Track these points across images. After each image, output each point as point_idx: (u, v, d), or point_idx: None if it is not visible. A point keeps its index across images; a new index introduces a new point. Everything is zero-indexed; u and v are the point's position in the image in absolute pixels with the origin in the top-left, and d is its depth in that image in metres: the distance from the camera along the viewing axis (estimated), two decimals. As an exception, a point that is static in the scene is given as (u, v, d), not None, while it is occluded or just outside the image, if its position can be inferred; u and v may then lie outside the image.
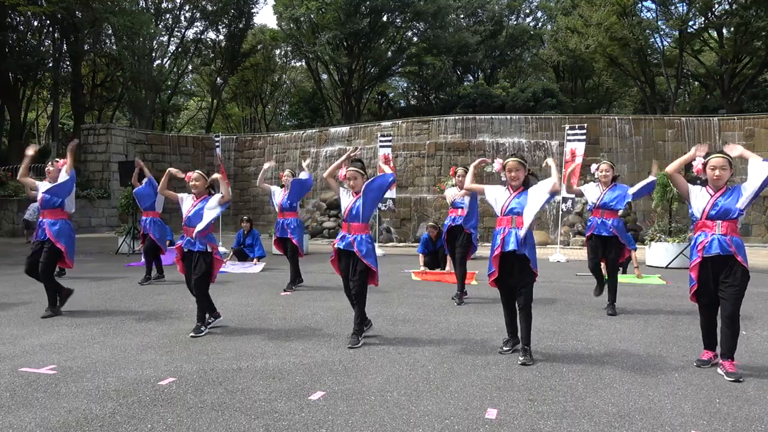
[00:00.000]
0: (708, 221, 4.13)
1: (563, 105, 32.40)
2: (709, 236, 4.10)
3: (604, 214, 6.38)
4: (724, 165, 4.11)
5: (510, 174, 4.56)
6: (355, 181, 4.99)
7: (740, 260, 4.03)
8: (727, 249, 4.04)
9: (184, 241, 5.35)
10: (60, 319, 5.92)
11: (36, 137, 37.20)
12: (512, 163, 4.57)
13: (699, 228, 4.20)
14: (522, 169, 4.56)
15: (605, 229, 6.33)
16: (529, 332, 4.46)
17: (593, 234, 6.43)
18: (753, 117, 21.10)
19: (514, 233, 4.45)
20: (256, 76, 38.37)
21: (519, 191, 4.57)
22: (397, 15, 33.28)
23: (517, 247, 4.41)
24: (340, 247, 4.97)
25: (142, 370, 4.11)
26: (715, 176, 4.11)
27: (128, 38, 27.35)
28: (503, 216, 4.56)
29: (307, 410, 3.37)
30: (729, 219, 4.07)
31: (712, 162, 4.14)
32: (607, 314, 6.28)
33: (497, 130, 22.07)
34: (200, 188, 5.44)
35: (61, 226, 6.07)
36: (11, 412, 3.33)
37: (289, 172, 8.17)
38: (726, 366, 4.05)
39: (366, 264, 4.87)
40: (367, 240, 4.96)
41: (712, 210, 4.10)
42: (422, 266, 10.20)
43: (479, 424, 3.18)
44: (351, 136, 24.15)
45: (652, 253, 11.66)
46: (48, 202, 6.09)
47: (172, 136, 27.57)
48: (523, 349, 4.42)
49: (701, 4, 26.50)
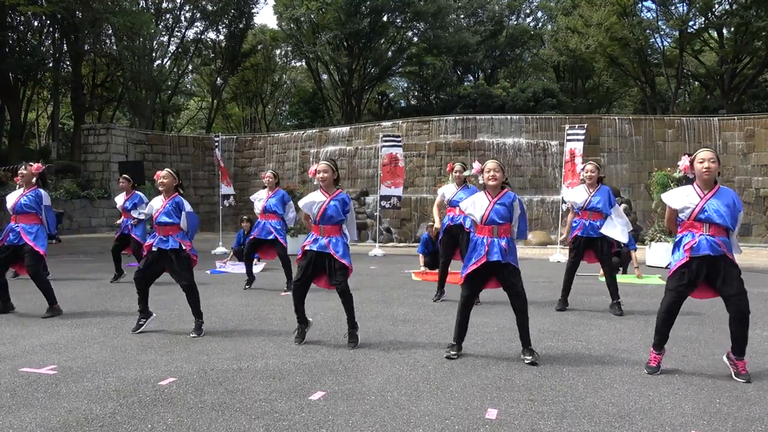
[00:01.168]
0: (696, 222, 4.04)
1: (563, 105, 32.40)
2: (697, 237, 4.01)
3: (591, 216, 6.39)
4: (713, 158, 4.04)
5: (488, 174, 4.45)
6: (326, 174, 4.87)
7: (731, 257, 3.98)
8: (717, 249, 3.96)
9: (156, 240, 5.37)
10: (60, 319, 5.93)
11: (36, 137, 37.20)
12: (491, 164, 4.51)
13: (686, 228, 4.11)
14: (501, 171, 4.47)
15: (594, 230, 6.35)
16: (528, 331, 4.45)
17: (580, 235, 6.43)
18: (753, 117, 21.10)
19: (497, 243, 4.37)
20: (256, 76, 38.36)
21: (499, 196, 4.46)
22: (397, 15, 33.27)
23: (501, 257, 4.35)
24: (313, 249, 4.81)
25: (143, 370, 4.11)
26: (705, 169, 4.02)
27: (128, 38, 27.35)
28: (484, 225, 4.44)
29: (308, 410, 3.37)
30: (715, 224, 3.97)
31: (701, 155, 4.07)
32: (614, 314, 6.27)
33: (497, 130, 22.07)
34: (168, 185, 5.43)
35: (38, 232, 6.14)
36: (11, 412, 3.33)
37: (272, 173, 8.08)
38: (738, 366, 4.03)
39: (343, 263, 4.78)
40: (343, 241, 4.87)
41: (700, 213, 4.01)
42: (422, 266, 10.20)
43: (479, 424, 3.18)
44: (351, 136, 24.16)
45: (652, 253, 11.67)
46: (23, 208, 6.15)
47: (173, 136, 27.58)
48: (528, 350, 4.41)
49: (701, 4, 26.50)
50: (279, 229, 7.85)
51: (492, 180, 4.45)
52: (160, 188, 5.45)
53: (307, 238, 4.94)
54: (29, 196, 6.17)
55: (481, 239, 4.45)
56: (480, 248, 4.42)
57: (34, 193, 6.21)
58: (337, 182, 4.99)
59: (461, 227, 6.87)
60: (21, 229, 6.07)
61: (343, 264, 4.79)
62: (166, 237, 5.32)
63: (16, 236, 6.08)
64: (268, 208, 7.88)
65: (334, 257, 4.77)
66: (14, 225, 6.11)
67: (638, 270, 9.49)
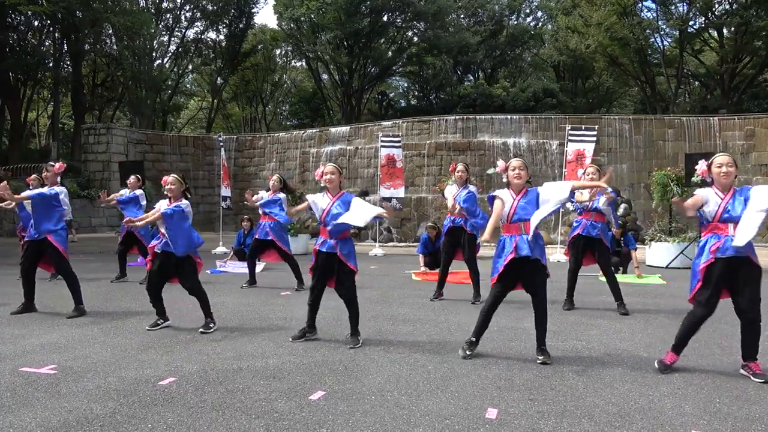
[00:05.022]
0: (720, 224, 4.04)
1: (563, 105, 32.42)
2: (723, 238, 4.00)
3: (594, 217, 6.41)
4: (730, 162, 4.06)
5: (513, 172, 4.48)
6: (332, 176, 4.89)
7: (755, 260, 3.98)
8: (741, 250, 3.93)
9: (161, 242, 5.41)
10: (60, 319, 5.93)
11: (36, 137, 37.21)
12: (517, 162, 4.53)
13: (710, 230, 4.10)
14: (525, 169, 4.51)
15: (594, 230, 6.37)
16: (545, 333, 4.46)
17: (581, 234, 6.44)
18: (753, 117, 21.10)
19: (525, 238, 4.38)
20: (256, 75, 38.39)
21: (522, 193, 4.49)
22: (397, 15, 33.29)
23: (530, 252, 4.35)
24: (322, 250, 4.86)
25: (143, 370, 4.11)
26: (722, 173, 4.04)
27: (128, 38, 27.38)
28: (510, 224, 4.45)
29: (308, 410, 3.37)
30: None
31: (718, 160, 4.09)
32: (620, 314, 6.29)
33: (497, 130, 22.08)
34: (175, 192, 5.48)
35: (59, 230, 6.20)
36: (12, 411, 3.33)
37: (278, 177, 8.25)
38: (753, 367, 4.03)
39: (350, 267, 4.83)
40: (350, 242, 4.93)
41: (724, 213, 4.01)
42: (422, 266, 10.20)
43: (479, 424, 3.18)
44: (351, 136, 24.17)
45: (652, 253, 11.66)
46: None
47: (173, 135, 27.59)
48: (540, 349, 4.42)
49: (701, 4, 26.51)
50: (277, 230, 7.99)
51: (517, 178, 4.48)
52: (168, 194, 5.50)
53: (317, 242, 4.98)
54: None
55: (509, 238, 4.45)
56: (508, 246, 4.43)
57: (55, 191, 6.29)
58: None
59: (462, 229, 6.91)
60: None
61: (350, 269, 4.83)
62: None
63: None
64: (263, 210, 8.05)
65: (341, 259, 4.80)
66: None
67: (638, 270, 9.49)
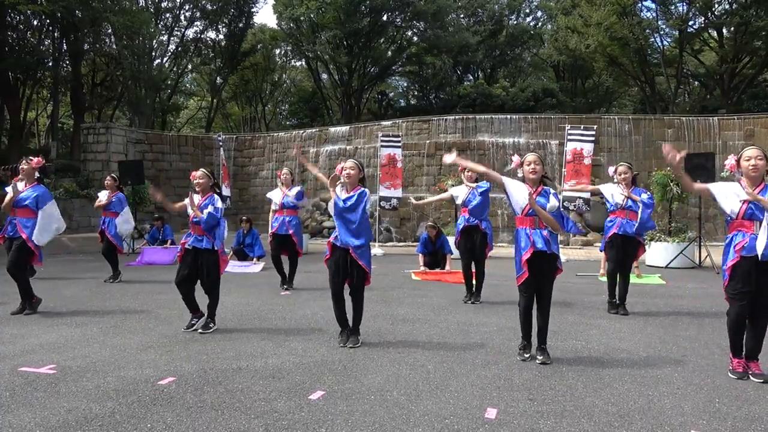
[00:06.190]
0: (745, 221, 3.95)
1: (563, 105, 32.40)
2: (748, 236, 3.92)
3: (628, 215, 6.33)
4: (760, 155, 3.92)
5: (529, 167, 4.44)
6: (352, 172, 4.89)
7: None
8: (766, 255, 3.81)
9: (191, 239, 5.44)
10: (60, 319, 5.93)
11: (36, 136, 37.18)
12: (532, 156, 4.51)
13: (735, 227, 4.02)
14: (541, 164, 4.48)
15: (630, 228, 6.27)
16: (546, 333, 4.44)
17: (617, 233, 6.30)
18: (753, 117, 21.10)
19: (540, 233, 4.37)
20: (256, 75, 38.34)
21: (538, 190, 4.45)
22: (397, 14, 33.25)
23: (547, 247, 4.34)
24: (337, 244, 4.87)
25: (142, 370, 4.11)
26: (752, 166, 3.91)
27: (128, 37, 27.32)
28: (525, 216, 4.44)
29: (307, 410, 3.37)
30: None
31: (747, 153, 3.98)
32: (619, 314, 6.27)
33: (497, 130, 22.07)
34: (204, 186, 5.52)
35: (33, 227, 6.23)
36: (11, 411, 3.33)
37: (288, 171, 8.30)
38: (753, 367, 4.02)
39: (361, 265, 4.82)
40: None
41: (748, 210, 3.92)
42: (422, 266, 10.20)
43: (479, 424, 3.18)
44: (351, 135, 24.15)
45: (652, 253, 11.66)
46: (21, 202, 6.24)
47: (172, 135, 27.55)
48: (541, 349, 4.40)
49: (701, 4, 26.49)
50: (295, 224, 8.01)
51: (532, 173, 4.46)
52: (197, 189, 5.54)
53: (332, 234, 4.98)
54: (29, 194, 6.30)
55: (524, 230, 4.43)
56: (524, 239, 4.40)
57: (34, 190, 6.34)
58: (363, 182, 4.99)
59: (477, 228, 6.96)
60: (18, 223, 6.23)
61: (360, 267, 4.80)
62: (201, 236, 5.41)
63: (13, 229, 6.27)
64: (285, 204, 8.02)
65: (352, 256, 4.77)
66: (12, 218, 6.29)
67: (638, 269, 9.48)
